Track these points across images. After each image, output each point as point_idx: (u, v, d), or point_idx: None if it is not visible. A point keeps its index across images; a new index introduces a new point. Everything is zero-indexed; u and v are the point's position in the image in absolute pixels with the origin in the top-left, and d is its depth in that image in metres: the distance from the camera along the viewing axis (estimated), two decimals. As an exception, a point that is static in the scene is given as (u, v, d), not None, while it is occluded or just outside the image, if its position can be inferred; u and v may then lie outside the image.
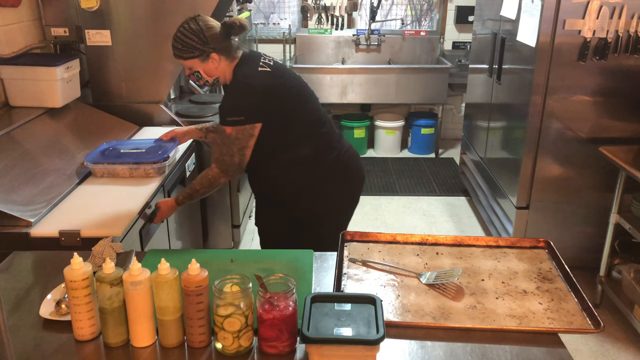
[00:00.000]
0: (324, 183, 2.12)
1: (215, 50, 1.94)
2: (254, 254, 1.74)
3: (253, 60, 2.01)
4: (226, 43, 1.96)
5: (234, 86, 1.99)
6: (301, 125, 2.06)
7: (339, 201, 2.20)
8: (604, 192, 3.01)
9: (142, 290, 1.23)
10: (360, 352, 1.17)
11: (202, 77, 2.00)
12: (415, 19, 5.55)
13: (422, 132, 5.23)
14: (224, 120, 1.95)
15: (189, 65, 1.98)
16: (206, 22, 1.94)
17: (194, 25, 1.92)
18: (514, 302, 1.44)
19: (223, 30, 1.94)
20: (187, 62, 1.97)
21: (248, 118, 1.92)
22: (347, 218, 2.28)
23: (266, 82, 1.96)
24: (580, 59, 2.83)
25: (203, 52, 1.94)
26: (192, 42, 1.92)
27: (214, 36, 1.93)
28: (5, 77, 2.50)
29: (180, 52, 1.95)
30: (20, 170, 2.06)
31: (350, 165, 2.19)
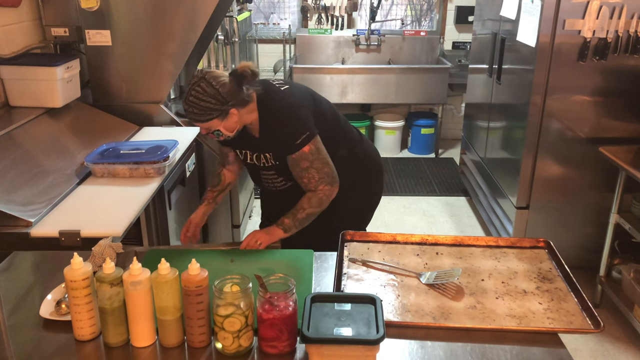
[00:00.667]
0: (358, 180, 2.14)
1: (234, 106, 1.82)
2: (254, 254, 1.74)
3: (270, 88, 1.94)
4: (241, 95, 1.84)
5: (278, 115, 1.89)
6: (335, 127, 2.07)
7: (369, 197, 2.25)
8: (604, 192, 3.01)
9: (142, 290, 1.23)
10: (360, 352, 1.17)
11: (222, 134, 1.88)
12: (415, 19, 5.55)
13: (422, 132, 5.24)
14: (293, 147, 1.86)
15: (208, 126, 1.84)
16: (218, 80, 1.80)
17: (208, 87, 1.78)
18: (513, 302, 1.44)
19: (235, 82, 1.83)
20: (204, 124, 1.84)
21: (311, 131, 1.88)
22: (371, 215, 2.32)
23: (298, 95, 1.95)
24: (580, 59, 2.83)
25: (222, 112, 1.81)
26: (209, 104, 1.79)
27: (230, 92, 1.81)
28: (5, 77, 2.50)
29: (198, 117, 1.82)
30: (20, 170, 2.06)
31: (377, 160, 2.26)
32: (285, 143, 1.89)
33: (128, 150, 2.31)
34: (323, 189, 1.91)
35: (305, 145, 1.87)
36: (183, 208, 2.68)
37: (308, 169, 1.89)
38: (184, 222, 2.60)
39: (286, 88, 1.96)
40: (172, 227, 2.48)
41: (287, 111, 1.90)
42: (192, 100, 1.80)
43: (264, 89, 1.92)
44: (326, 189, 1.92)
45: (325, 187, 1.91)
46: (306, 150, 1.87)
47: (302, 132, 1.86)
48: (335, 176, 1.94)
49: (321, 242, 1.84)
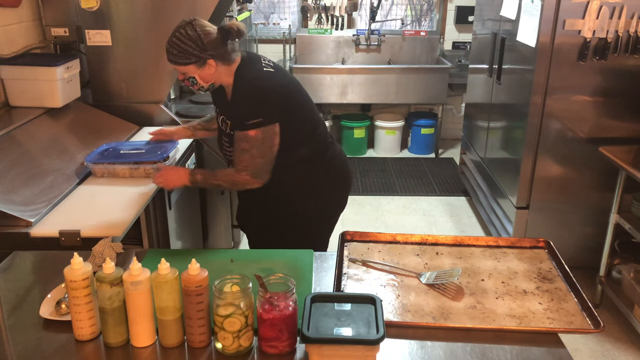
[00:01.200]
0: (318, 184, 2.12)
1: (213, 57, 1.88)
2: (254, 254, 1.74)
3: (255, 62, 1.98)
4: (223, 48, 1.90)
5: (244, 89, 1.92)
6: (300, 127, 2.04)
7: (330, 202, 2.20)
8: (604, 192, 3.01)
9: (142, 290, 1.23)
10: (360, 352, 1.17)
11: (197, 82, 1.94)
12: (415, 19, 5.55)
13: (422, 132, 5.24)
14: (242, 125, 1.89)
15: (184, 70, 1.92)
16: (203, 28, 1.88)
17: (191, 31, 1.86)
18: (513, 302, 1.44)
19: (220, 36, 1.89)
20: (182, 67, 1.90)
21: (266, 118, 1.89)
22: (335, 220, 2.27)
23: (274, 82, 1.94)
24: (580, 59, 2.83)
25: (200, 59, 1.88)
26: (188, 48, 1.86)
27: (212, 42, 1.87)
28: (5, 77, 2.50)
29: (175, 58, 1.89)
30: (20, 170, 2.06)
31: (342, 167, 2.20)
32: (237, 117, 1.93)
33: (128, 150, 2.31)
34: (245, 176, 1.94)
35: (252, 129, 1.88)
36: (183, 208, 2.67)
37: (243, 151, 1.91)
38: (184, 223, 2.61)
39: (268, 70, 1.96)
40: (172, 227, 2.48)
41: (253, 89, 1.91)
42: (174, 42, 1.86)
43: (249, 59, 1.96)
44: (246, 177, 1.94)
45: (247, 175, 1.94)
46: (251, 134, 1.88)
47: (256, 115, 1.88)
48: (265, 172, 1.95)
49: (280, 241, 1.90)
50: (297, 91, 2.04)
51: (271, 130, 1.90)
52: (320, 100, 4.97)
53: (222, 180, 2.00)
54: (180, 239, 2.63)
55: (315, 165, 2.09)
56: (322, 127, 2.14)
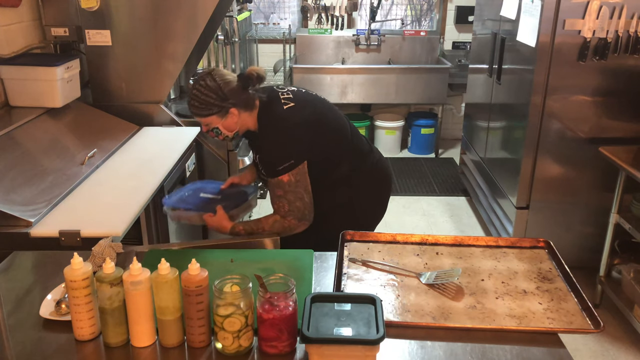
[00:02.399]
0: (360, 196, 2.09)
1: (235, 105, 1.86)
2: (254, 254, 1.74)
3: (275, 101, 1.93)
4: (245, 95, 1.88)
5: (270, 135, 1.90)
6: (337, 146, 2.01)
7: (371, 213, 2.19)
8: (604, 192, 3.01)
9: (142, 290, 1.23)
10: (360, 352, 1.17)
11: (221, 132, 1.92)
12: (415, 19, 5.55)
13: (422, 132, 5.24)
14: (275, 171, 1.86)
15: (207, 122, 1.89)
16: (223, 77, 1.85)
17: (211, 82, 1.84)
18: (513, 302, 1.44)
19: (241, 83, 1.87)
20: (205, 119, 1.88)
21: (297, 159, 1.86)
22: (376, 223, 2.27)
23: (297, 119, 1.91)
24: (580, 59, 2.83)
25: (222, 109, 1.85)
26: (209, 99, 1.84)
27: (232, 90, 1.85)
28: (5, 77, 2.50)
29: (197, 110, 1.87)
30: (20, 170, 2.06)
31: (382, 173, 2.18)
32: (267, 165, 1.90)
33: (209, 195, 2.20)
34: (290, 220, 1.90)
35: (284, 173, 1.85)
36: (183, 208, 2.67)
37: (280, 198, 1.89)
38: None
39: (290, 107, 1.92)
40: (172, 227, 2.48)
41: (278, 133, 1.89)
42: (195, 94, 1.85)
43: (268, 100, 1.92)
44: (293, 222, 1.90)
45: (293, 220, 1.90)
46: (284, 179, 1.86)
47: (286, 159, 1.85)
48: (307, 214, 1.91)
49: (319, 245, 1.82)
50: (323, 115, 2.00)
51: (302, 170, 1.88)
52: (320, 100, 4.97)
53: (269, 228, 1.92)
54: (180, 239, 2.63)
55: (357, 175, 2.06)
56: (356, 138, 2.09)
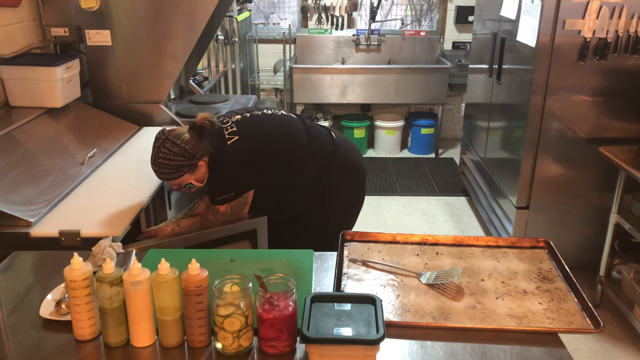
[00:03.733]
0: (335, 191, 2.14)
1: (202, 157, 1.91)
2: (254, 254, 1.74)
3: (221, 139, 1.96)
4: (205, 145, 1.91)
5: (216, 169, 1.96)
6: (294, 157, 2.05)
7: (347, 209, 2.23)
8: (604, 192, 3.01)
9: (142, 290, 1.23)
10: (360, 352, 1.17)
11: (194, 186, 1.97)
12: (415, 19, 5.55)
13: (422, 132, 5.24)
14: (214, 200, 1.98)
15: (179, 182, 1.93)
16: (181, 138, 1.87)
17: (174, 147, 1.86)
18: (513, 302, 1.44)
19: (197, 135, 1.90)
20: (176, 181, 1.91)
21: (238, 191, 1.97)
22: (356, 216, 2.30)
23: (242, 151, 1.95)
24: (580, 59, 2.83)
25: (191, 166, 1.90)
26: (178, 162, 1.87)
27: (195, 146, 1.88)
28: (5, 77, 2.50)
29: (169, 176, 1.89)
30: (20, 170, 2.06)
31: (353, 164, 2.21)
32: (210, 193, 2.00)
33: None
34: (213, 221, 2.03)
35: (222, 204, 1.97)
36: (183, 208, 2.67)
37: (210, 219, 2.02)
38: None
39: (234, 141, 1.96)
40: (172, 227, 2.48)
41: (223, 169, 1.96)
42: (161, 162, 1.87)
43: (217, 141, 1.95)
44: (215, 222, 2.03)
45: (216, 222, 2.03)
46: (220, 209, 2.00)
47: (227, 191, 1.96)
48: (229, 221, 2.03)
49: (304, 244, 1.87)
50: (270, 136, 2.03)
51: (241, 203, 1.99)
52: (320, 100, 4.97)
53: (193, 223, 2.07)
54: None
55: (326, 176, 2.11)
56: (316, 141, 2.10)
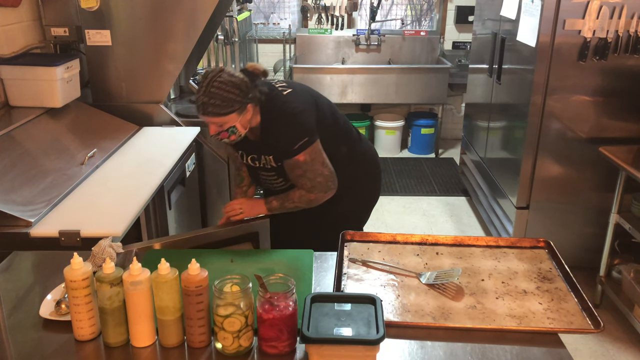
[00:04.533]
0: (356, 179, 2.14)
1: (251, 101, 1.81)
2: (254, 254, 1.74)
3: (273, 90, 1.92)
4: (255, 91, 1.82)
5: (278, 118, 1.88)
6: (334, 129, 2.05)
7: (367, 195, 2.24)
8: (604, 192, 3.01)
9: (142, 290, 1.23)
10: (360, 352, 1.17)
11: (236, 131, 1.82)
12: (415, 19, 5.55)
13: (422, 132, 5.24)
14: (290, 152, 1.87)
15: (224, 121, 1.78)
16: (235, 74, 1.79)
17: (230, 77, 1.75)
18: (514, 302, 1.44)
19: (250, 80, 1.81)
20: (222, 118, 1.77)
21: (310, 137, 1.88)
22: (369, 214, 2.33)
23: (300, 100, 1.93)
24: (580, 59, 2.83)
25: (242, 105, 1.78)
26: (232, 95, 1.74)
27: (249, 87, 1.80)
28: (5, 77, 2.50)
29: (218, 109, 1.74)
30: (20, 170, 2.06)
31: (374, 158, 2.26)
32: (283, 147, 1.89)
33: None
34: (316, 195, 1.94)
35: (300, 152, 1.87)
36: (183, 208, 2.68)
37: (301, 177, 1.91)
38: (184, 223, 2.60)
39: (289, 92, 1.94)
40: (172, 227, 2.48)
41: (287, 116, 1.89)
42: (214, 92, 1.73)
43: (268, 92, 1.91)
44: (319, 195, 1.95)
45: (319, 194, 1.94)
46: (300, 159, 1.88)
47: (300, 138, 1.86)
48: (330, 185, 1.95)
49: (317, 241, 1.86)
50: (318, 98, 2.04)
51: (317, 148, 1.90)
52: (320, 100, 4.97)
53: (298, 202, 1.96)
54: (180, 239, 2.63)
55: (352, 160, 2.12)
56: (347, 124, 2.15)
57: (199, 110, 1.77)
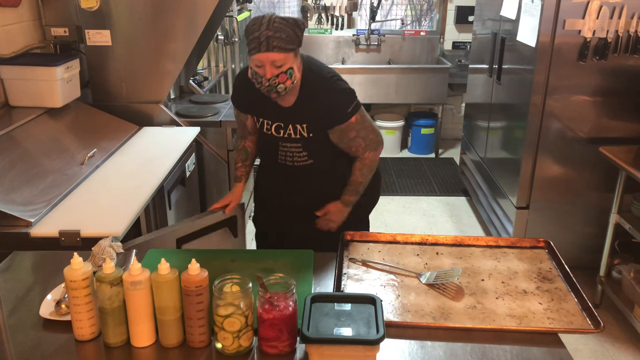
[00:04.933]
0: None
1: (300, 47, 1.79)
2: (254, 254, 1.74)
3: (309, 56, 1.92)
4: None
5: (327, 84, 1.86)
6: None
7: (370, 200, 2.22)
8: (604, 192, 3.01)
9: (142, 290, 1.23)
10: (360, 352, 1.17)
11: (293, 75, 1.76)
12: (415, 19, 5.55)
13: (422, 132, 5.23)
14: (345, 115, 1.85)
15: (285, 60, 1.72)
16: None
17: (288, 18, 1.73)
18: (514, 302, 1.44)
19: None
20: (285, 55, 1.71)
21: (357, 100, 1.89)
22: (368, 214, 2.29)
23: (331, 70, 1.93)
24: (580, 59, 2.83)
25: (298, 47, 1.77)
26: (294, 33, 1.72)
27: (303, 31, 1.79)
28: (5, 77, 2.50)
29: (284, 44, 1.69)
30: (20, 170, 2.06)
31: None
32: (337, 112, 1.86)
33: None
34: (368, 155, 1.94)
35: (353, 115, 1.87)
36: (183, 208, 2.68)
37: (355, 139, 1.91)
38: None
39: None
40: (172, 227, 2.48)
41: (336, 81, 1.87)
42: (278, 27, 1.69)
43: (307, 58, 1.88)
44: (371, 154, 1.95)
45: (370, 153, 1.95)
46: (353, 120, 1.88)
47: (352, 100, 1.87)
48: (380, 138, 1.97)
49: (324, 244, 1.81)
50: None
51: (363, 108, 1.92)
52: (320, 100, 4.97)
53: (363, 179, 1.98)
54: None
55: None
56: None
57: (262, 46, 1.69)
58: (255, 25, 1.71)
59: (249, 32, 1.73)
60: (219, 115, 3.08)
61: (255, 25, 1.71)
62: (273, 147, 1.98)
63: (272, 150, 1.99)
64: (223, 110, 3.16)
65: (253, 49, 1.71)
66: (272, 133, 1.94)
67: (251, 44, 1.71)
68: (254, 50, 1.71)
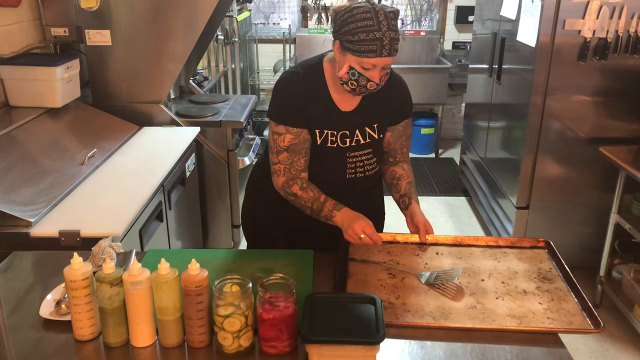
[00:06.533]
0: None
1: None
2: (254, 254, 1.74)
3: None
4: None
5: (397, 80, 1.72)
6: None
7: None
8: (604, 192, 3.01)
9: (142, 290, 1.23)
10: (360, 352, 1.17)
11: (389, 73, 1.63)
12: (415, 19, 5.55)
13: (422, 132, 5.23)
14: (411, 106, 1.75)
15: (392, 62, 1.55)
16: None
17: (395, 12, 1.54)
18: (514, 302, 1.44)
19: None
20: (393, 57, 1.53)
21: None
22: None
23: None
24: (580, 59, 2.83)
25: None
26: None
27: None
28: (5, 77, 2.50)
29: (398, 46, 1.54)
30: (20, 170, 2.06)
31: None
32: (406, 103, 1.73)
33: None
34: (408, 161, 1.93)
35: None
36: (183, 208, 2.68)
37: (409, 137, 1.82)
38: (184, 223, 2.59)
39: None
40: (172, 227, 2.48)
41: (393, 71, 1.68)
42: (395, 25, 1.50)
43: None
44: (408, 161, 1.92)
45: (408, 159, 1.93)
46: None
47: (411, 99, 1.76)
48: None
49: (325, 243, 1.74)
50: None
51: None
52: (320, 100, 4.97)
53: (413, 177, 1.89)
54: (180, 239, 2.63)
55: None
56: None
57: (385, 49, 1.48)
58: (372, 21, 1.45)
59: (360, 29, 1.46)
60: (219, 115, 3.08)
61: (372, 21, 1.45)
62: (339, 162, 1.69)
63: (338, 167, 1.70)
64: (223, 110, 3.16)
65: (371, 51, 1.47)
66: (339, 144, 1.66)
67: (368, 44, 1.46)
68: (372, 53, 1.47)
